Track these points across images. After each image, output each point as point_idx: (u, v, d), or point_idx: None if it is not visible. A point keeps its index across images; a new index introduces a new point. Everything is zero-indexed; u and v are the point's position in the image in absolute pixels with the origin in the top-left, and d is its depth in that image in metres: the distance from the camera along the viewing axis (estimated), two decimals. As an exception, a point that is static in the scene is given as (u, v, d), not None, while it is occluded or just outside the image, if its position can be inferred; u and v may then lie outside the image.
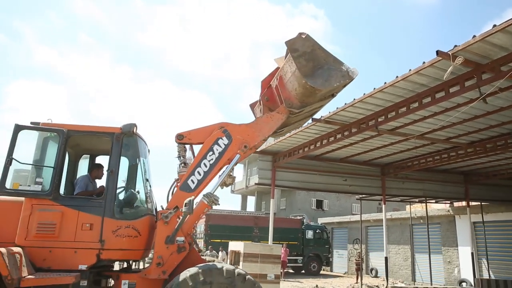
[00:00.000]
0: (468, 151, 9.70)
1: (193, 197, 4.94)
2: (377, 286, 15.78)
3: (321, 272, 22.95)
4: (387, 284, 11.78)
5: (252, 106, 7.26)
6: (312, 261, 22.63)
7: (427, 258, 17.03)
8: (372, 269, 21.50)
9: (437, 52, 6.17)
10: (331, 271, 24.93)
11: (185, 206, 4.83)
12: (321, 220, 27.28)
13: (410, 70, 6.94)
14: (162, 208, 5.28)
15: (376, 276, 20.44)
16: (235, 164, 5.65)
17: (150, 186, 5.72)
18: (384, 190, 12.80)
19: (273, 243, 11.64)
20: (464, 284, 14.99)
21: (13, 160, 4.88)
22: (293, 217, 26.51)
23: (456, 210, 17.04)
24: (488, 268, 15.45)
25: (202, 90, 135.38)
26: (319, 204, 34.86)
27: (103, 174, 5.78)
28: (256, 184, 15.67)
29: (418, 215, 18.82)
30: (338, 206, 34.45)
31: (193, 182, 5.31)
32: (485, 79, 6.49)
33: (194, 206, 4.89)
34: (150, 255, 5.88)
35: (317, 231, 22.97)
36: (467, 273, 15.45)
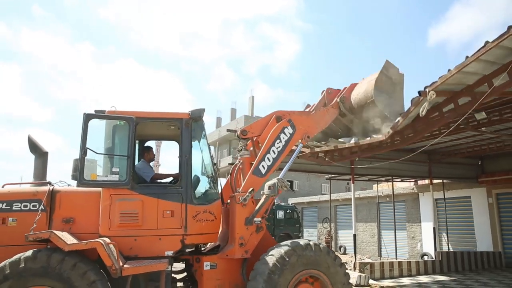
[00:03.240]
0: (433, 132, 10.01)
1: (276, 180, 5.38)
2: (345, 262, 16.32)
3: (292, 250, 23.42)
4: (355, 260, 12.19)
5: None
6: (283, 241, 23.03)
7: (393, 234, 17.77)
8: (341, 247, 22.19)
9: (419, 93, 6.78)
10: (301, 249, 25.51)
11: (269, 189, 5.35)
12: (291, 200, 27.76)
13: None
14: None
15: (344, 253, 21.13)
16: (299, 153, 6.35)
17: (217, 169, 5.88)
18: (353, 170, 13.09)
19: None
20: (426, 257, 15.75)
21: (88, 151, 4.80)
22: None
23: (420, 188, 17.77)
24: (448, 241, 16.31)
25: (170, 69, 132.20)
26: (290, 184, 35.40)
27: (154, 155, 5.93)
28: (229, 164, 15.65)
29: (385, 194, 19.51)
30: (308, 187, 35.10)
31: (264, 168, 5.73)
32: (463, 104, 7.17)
33: (269, 190, 5.35)
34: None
35: (287, 211, 23.33)
36: (429, 247, 16.24)
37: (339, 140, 8.96)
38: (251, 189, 5.43)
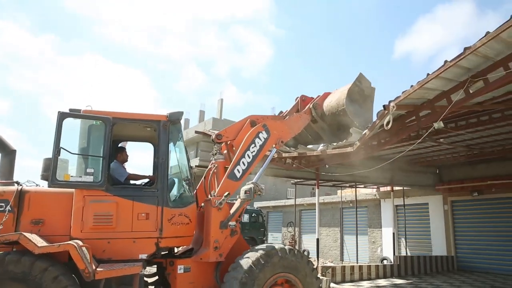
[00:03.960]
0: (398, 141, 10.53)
1: (252, 185, 5.43)
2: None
3: (256, 254, 23.55)
4: (317, 264, 12.50)
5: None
6: (248, 244, 23.15)
7: (355, 239, 18.34)
8: (304, 250, 22.56)
9: (384, 107, 7.21)
10: (266, 253, 25.69)
11: (245, 193, 5.42)
12: (257, 204, 27.93)
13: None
14: None
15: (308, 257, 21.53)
16: (273, 157, 6.41)
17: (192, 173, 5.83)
18: (318, 175, 13.44)
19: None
20: (385, 261, 16.37)
21: (62, 150, 4.67)
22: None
23: (382, 195, 18.48)
24: (406, 246, 17.06)
25: (138, 66, 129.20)
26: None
27: (127, 156, 5.85)
28: (196, 166, 15.59)
29: (348, 199, 20.10)
30: (274, 191, 35.43)
31: (239, 172, 5.79)
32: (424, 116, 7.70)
33: (245, 194, 5.43)
34: None
35: (252, 215, 23.48)
36: (388, 251, 16.92)
37: (308, 147, 9.22)
38: (226, 193, 5.49)
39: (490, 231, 14.88)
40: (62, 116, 4.73)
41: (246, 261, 4.98)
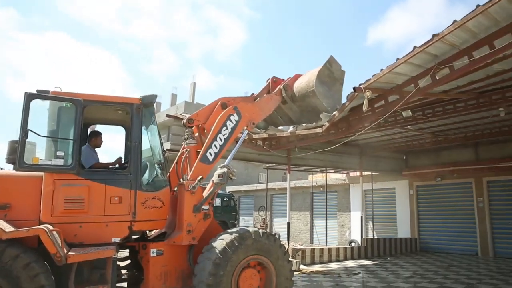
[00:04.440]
0: (365, 125, 10.78)
1: (226, 169, 5.44)
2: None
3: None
4: (288, 247, 12.79)
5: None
6: (219, 228, 23.30)
7: (324, 223, 18.85)
8: (275, 234, 22.93)
9: (354, 89, 7.33)
10: (237, 237, 25.98)
11: (219, 177, 5.43)
12: (229, 189, 28.03)
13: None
14: None
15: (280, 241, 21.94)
16: (244, 138, 6.40)
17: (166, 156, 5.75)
18: (290, 160, 13.61)
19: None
20: (353, 244, 16.96)
21: (30, 133, 4.48)
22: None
23: (351, 180, 18.98)
24: (373, 229, 17.70)
25: (107, 47, 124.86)
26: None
27: (101, 142, 5.70)
28: (167, 150, 15.39)
29: (319, 184, 20.53)
30: (245, 175, 35.60)
31: (211, 155, 5.80)
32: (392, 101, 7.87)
33: (219, 178, 5.42)
34: None
35: (224, 199, 23.52)
36: (356, 234, 17.50)
37: (278, 128, 9.29)
38: (200, 177, 5.51)
39: (450, 214, 15.68)
40: (29, 97, 4.55)
41: (220, 243, 5.04)
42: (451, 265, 12.03)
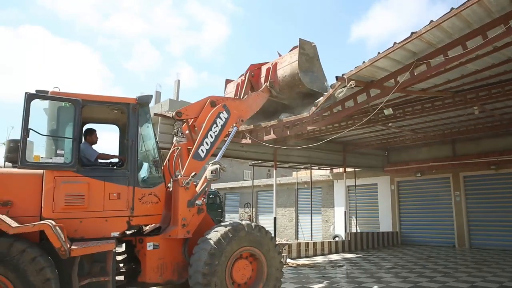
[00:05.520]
0: (348, 123, 11.17)
1: (218, 165, 5.75)
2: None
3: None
4: (275, 241, 13.10)
5: (227, 82, 9.34)
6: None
7: (309, 218, 19.29)
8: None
9: (336, 78, 7.50)
10: (223, 233, 26.21)
11: (212, 173, 5.74)
12: (214, 186, 28.21)
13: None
14: None
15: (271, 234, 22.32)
16: (234, 135, 6.75)
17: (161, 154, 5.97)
18: (276, 157, 13.93)
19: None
20: (337, 238, 17.41)
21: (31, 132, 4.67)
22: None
23: (335, 176, 19.47)
24: (356, 223, 18.23)
25: (86, 43, 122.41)
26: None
27: (97, 138, 5.86)
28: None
29: (303, 180, 20.96)
30: (231, 173, 35.77)
31: (203, 152, 6.06)
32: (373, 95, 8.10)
33: (212, 174, 5.75)
34: None
35: (210, 196, 23.68)
36: (340, 229, 17.98)
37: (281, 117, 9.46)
38: (193, 173, 5.79)
39: (429, 208, 16.34)
40: (29, 98, 4.70)
41: (215, 234, 5.32)
42: (430, 256, 12.60)
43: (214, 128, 6.27)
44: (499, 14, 5.62)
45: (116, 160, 5.90)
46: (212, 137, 6.21)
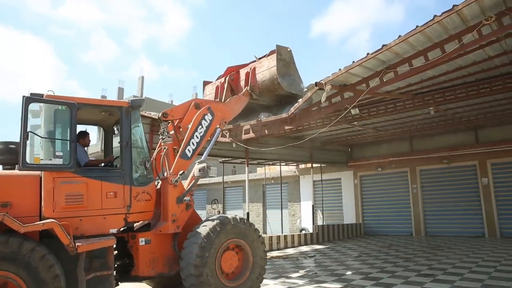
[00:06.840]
0: (318, 123, 11.85)
1: (205, 164, 6.18)
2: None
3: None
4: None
5: (205, 83, 9.80)
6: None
7: (276, 213, 19.96)
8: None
9: (316, 84, 8.17)
10: (191, 230, 26.38)
11: (199, 171, 6.18)
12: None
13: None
14: None
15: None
16: (218, 136, 7.18)
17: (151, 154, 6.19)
18: (248, 154, 14.40)
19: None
20: (304, 231, 18.21)
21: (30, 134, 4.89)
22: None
23: (301, 171, 20.26)
24: (323, 216, 19.14)
25: (38, 32, 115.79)
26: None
27: (89, 141, 6.08)
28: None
29: (270, 176, 21.60)
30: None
31: (190, 151, 6.47)
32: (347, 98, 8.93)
33: (200, 172, 6.19)
34: None
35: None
36: (307, 222, 18.81)
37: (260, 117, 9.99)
38: (181, 171, 6.17)
39: (389, 200, 17.53)
40: (27, 101, 4.83)
41: (204, 229, 5.74)
42: (391, 245, 13.64)
43: (200, 129, 6.70)
44: (454, 32, 6.59)
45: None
46: (198, 137, 6.64)
